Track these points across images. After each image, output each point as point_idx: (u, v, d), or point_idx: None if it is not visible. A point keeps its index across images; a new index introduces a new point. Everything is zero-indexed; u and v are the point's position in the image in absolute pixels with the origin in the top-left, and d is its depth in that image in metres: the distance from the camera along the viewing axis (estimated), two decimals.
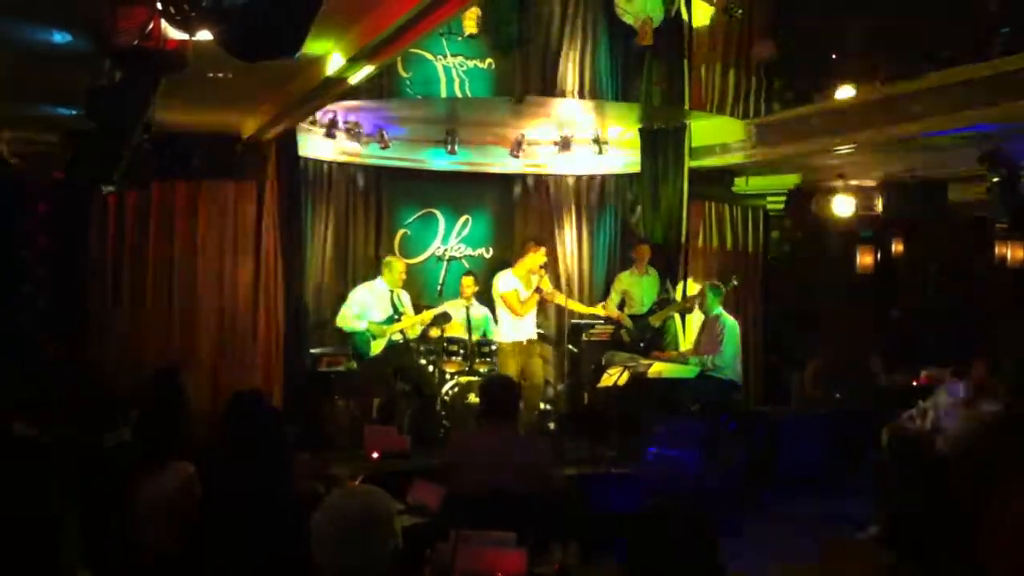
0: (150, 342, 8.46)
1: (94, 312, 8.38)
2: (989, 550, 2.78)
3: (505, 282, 9.18)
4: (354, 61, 5.78)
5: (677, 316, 9.94)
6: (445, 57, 8.62)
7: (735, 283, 9.48)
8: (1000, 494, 2.78)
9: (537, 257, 9.15)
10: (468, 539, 3.82)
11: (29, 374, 6.49)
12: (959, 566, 2.96)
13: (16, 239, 8.06)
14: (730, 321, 9.11)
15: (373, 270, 9.74)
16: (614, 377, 8.41)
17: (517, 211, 11.06)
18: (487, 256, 10.86)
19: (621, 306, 9.95)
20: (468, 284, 9.76)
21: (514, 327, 9.18)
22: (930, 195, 9.57)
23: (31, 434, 4.71)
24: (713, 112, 9.74)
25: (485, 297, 9.68)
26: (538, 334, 9.56)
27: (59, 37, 4.80)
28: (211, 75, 5.82)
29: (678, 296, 9.81)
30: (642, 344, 9.59)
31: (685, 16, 9.11)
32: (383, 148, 9.81)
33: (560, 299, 9.67)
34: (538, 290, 9.14)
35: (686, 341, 9.81)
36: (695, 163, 10.18)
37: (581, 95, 9.03)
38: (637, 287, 9.91)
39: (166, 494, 4.07)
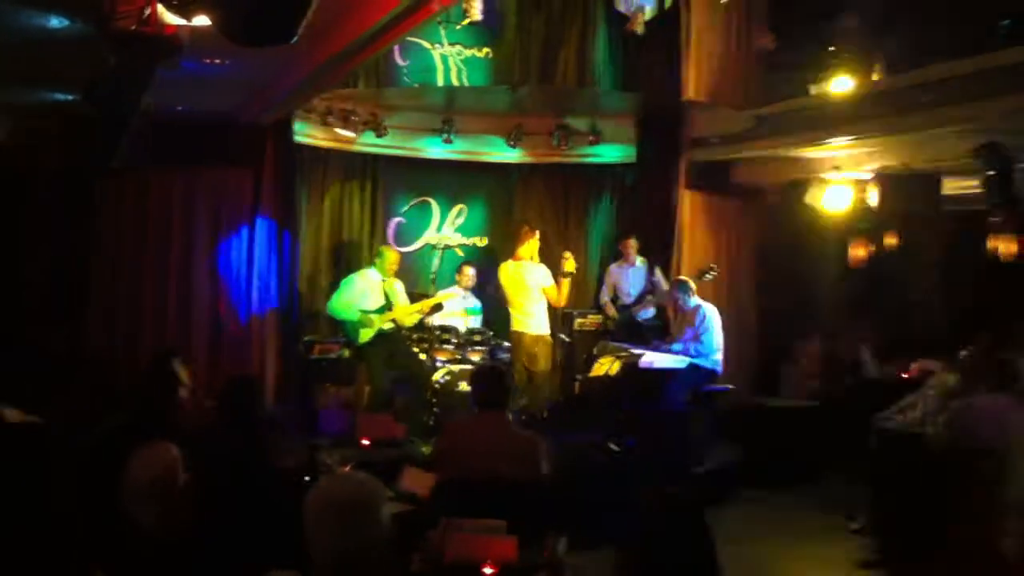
0: (147, 328, 8.44)
1: (93, 298, 8.35)
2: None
3: (543, 274, 9.04)
4: None
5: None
6: (443, 46, 8.61)
7: (714, 273, 9.34)
8: None
9: (536, 242, 9.07)
10: (458, 527, 3.85)
11: (28, 360, 6.50)
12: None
13: (15, 225, 8.05)
14: (709, 309, 9.07)
15: (367, 258, 9.75)
16: (605, 366, 8.45)
17: (513, 200, 11.08)
18: (481, 245, 10.89)
19: (614, 300, 10.03)
20: (470, 274, 9.88)
21: (546, 316, 9.07)
22: (924, 188, 9.55)
23: (20, 420, 4.71)
24: (710, 102, 9.73)
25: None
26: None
27: (57, 22, 4.80)
28: (208, 61, 5.82)
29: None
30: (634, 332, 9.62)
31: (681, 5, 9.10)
32: (379, 136, 9.80)
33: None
34: (567, 275, 8.85)
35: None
36: (692, 154, 10.19)
37: (579, 84, 9.02)
38: (624, 279, 9.98)
39: (149, 476, 4.08)
